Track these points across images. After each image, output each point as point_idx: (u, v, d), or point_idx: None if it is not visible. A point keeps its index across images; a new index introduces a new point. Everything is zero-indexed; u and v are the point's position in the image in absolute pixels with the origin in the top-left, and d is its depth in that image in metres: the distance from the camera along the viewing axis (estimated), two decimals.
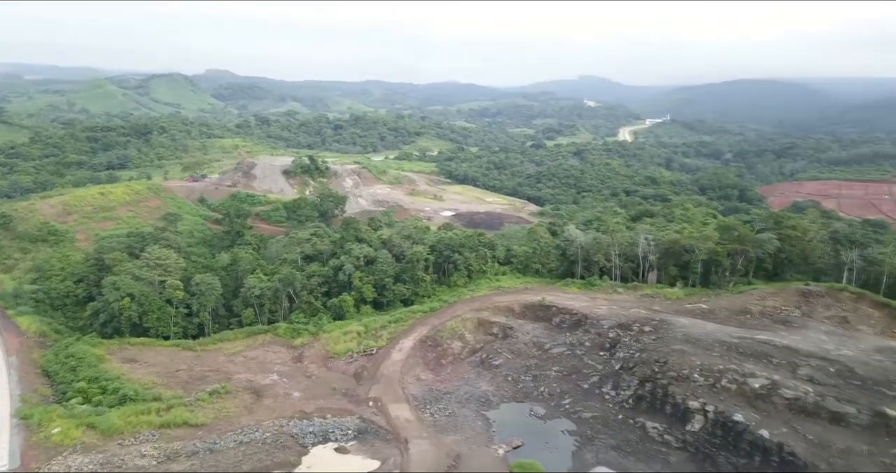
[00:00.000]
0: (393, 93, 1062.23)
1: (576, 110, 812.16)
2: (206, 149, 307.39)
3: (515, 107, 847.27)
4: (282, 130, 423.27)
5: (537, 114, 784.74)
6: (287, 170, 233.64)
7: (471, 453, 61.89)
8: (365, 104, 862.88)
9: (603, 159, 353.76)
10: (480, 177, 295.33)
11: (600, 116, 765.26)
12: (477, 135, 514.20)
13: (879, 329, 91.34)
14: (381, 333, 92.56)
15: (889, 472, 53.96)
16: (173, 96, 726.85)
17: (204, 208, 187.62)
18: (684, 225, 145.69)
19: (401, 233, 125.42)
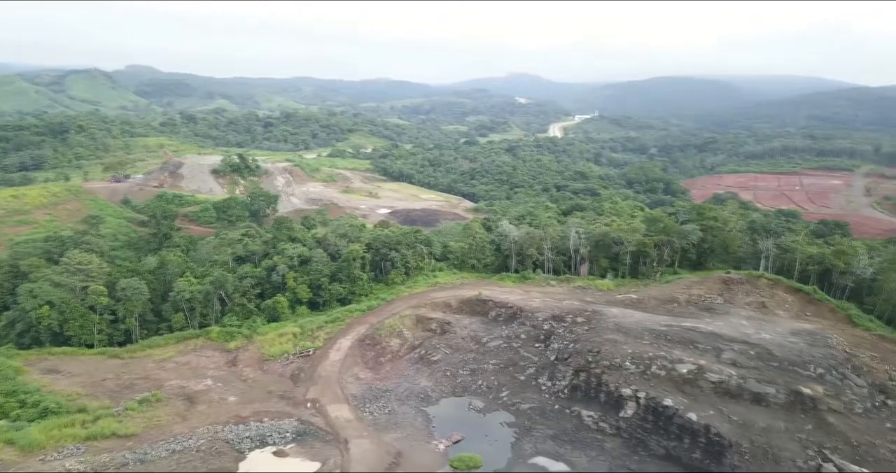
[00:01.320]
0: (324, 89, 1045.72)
1: (507, 107, 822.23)
2: (130, 148, 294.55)
3: (448, 105, 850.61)
4: (210, 128, 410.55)
5: (470, 111, 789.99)
6: (216, 170, 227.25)
7: (412, 450, 62.15)
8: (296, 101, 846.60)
9: (534, 155, 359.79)
10: (416, 174, 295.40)
11: (531, 113, 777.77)
12: (411, 132, 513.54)
13: (794, 312, 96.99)
14: (318, 334, 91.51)
15: None
16: (92, 93, 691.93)
17: (128, 210, 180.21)
18: (613, 218, 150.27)
19: (336, 232, 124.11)
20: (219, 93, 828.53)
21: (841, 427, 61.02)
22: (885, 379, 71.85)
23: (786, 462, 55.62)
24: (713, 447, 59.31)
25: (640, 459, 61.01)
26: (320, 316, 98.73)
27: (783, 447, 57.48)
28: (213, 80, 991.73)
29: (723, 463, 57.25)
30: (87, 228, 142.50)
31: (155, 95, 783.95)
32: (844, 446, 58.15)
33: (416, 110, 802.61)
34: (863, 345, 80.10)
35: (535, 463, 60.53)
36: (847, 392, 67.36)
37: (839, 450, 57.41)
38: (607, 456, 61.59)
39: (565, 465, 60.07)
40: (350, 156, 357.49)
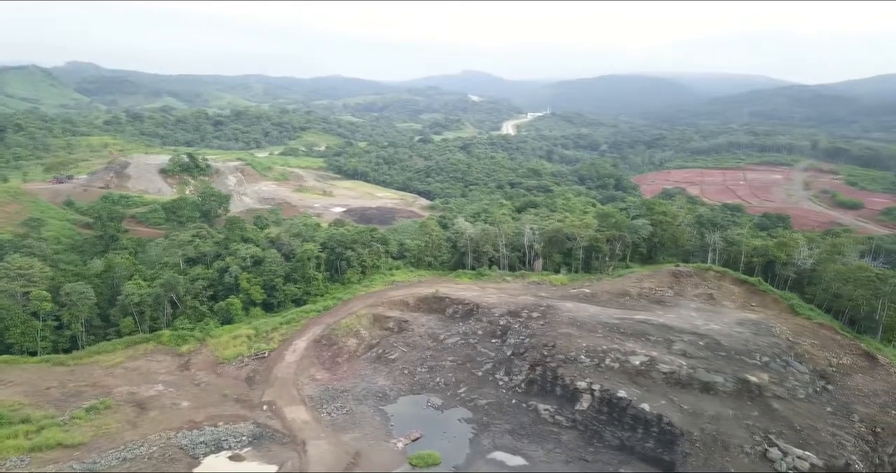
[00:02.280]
0: (275, 87, 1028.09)
1: (461, 104, 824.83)
2: (72, 147, 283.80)
3: (402, 102, 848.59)
4: (157, 127, 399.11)
5: (423, 109, 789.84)
6: (164, 169, 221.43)
7: (370, 449, 61.97)
8: (246, 99, 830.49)
9: (488, 153, 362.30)
10: (370, 172, 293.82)
11: (484, 111, 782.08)
12: (365, 129, 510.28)
13: (740, 303, 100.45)
14: (273, 335, 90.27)
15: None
16: (30, 90, 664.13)
17: (72, 212, 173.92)
18: (566, 214, 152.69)
19: (289, 231, 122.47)
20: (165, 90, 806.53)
21: (785, 413, 63.50)
22: (825, 365, 75.16)
23: (734, 448, 57.54)
24: (665, 436, 60.92)
25: (595, 450, 62.23)
26: (275, 318, 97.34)
27: (732, 433, 59.45)
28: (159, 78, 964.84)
29: (675, 452, 58.86)
30: (28, 231, 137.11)
31: (98, 93, 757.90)
32: (788, 430, 60.53)
33: (369, 108, 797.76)
34: (804, 333, 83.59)
35: (493, 458, 61.10)
36: (790, 378, 70.14)
37: (784, 435, 59.73)
38: (564, 449, 62.61)
39: (523, 459, 60.82)
40: (303, 154, 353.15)
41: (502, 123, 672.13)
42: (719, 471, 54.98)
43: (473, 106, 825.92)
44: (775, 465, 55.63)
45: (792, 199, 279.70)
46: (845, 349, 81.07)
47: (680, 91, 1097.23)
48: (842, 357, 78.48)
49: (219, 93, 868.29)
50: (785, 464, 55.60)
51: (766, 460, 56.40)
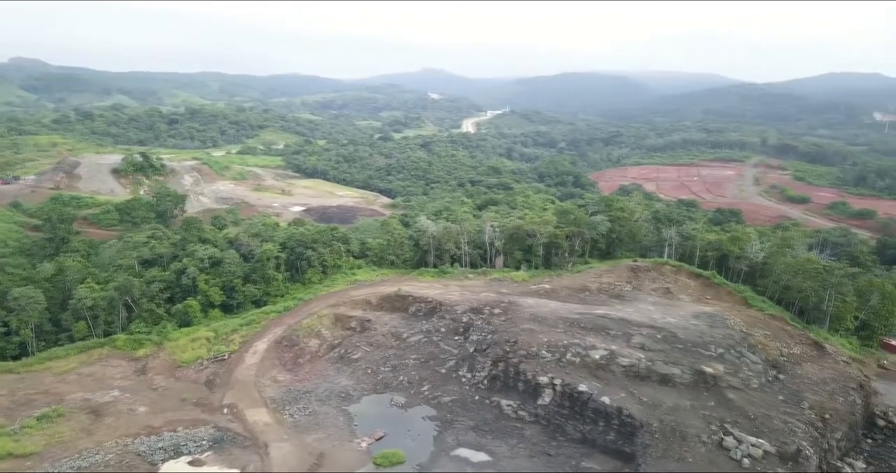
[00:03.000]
0: (232, 85, 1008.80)
1: (420, 102, 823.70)
2: (18, 147, 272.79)
3: (361, 100, 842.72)
4: (109, 126, 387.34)
5: (383, 107, 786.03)
6: (117, 169, 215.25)
7: (334, 449, 61.65)
8: (202, 96, 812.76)
9: (449, 151, 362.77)
10: (330, 170, 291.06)
11: (444, 109, 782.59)
12: (324, 127, 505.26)
13: (695, 296, 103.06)
14: (233, 337, 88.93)
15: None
16: None
17: (19, 214, 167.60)
18: (526, 211, 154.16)
19: (248, 231, 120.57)
20: (116, 88, 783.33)
21: (739, 402, 65.42)
22: (777, 355, 77.66)
23: (692, 438, 59.02)
24: (625, 428, 62.15)
25: (558, 444, 63.12)
26: (235, 319, 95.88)
27: (689, 424, 60.96)
28: (110, 75, 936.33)
29: (635, 443, 60.08)
30: None
31: (45, 91, 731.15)
32: (743, 419, 62.39)
33: (328, 105, 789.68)
34: (757, 325, 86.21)
35: (457, 455, 61.43)
36: (744, 369, 72.26)
37: (738, 424, 61.52)
38: (527, 444, 63.33)
39: (486, 455, 61.31)
40: (261, 153, 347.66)
41: (462, 121, 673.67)
42: (677, 461, 56.35)
43: (433, 104, 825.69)
44: (731, 453, 57.29)
45: (743, 194, 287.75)
46: (795, 339, 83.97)
47: (636, 89, 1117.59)
48: (792, 347, 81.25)
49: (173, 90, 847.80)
50: (740, 452, 57.31)
51: (722, 449, 58.02)
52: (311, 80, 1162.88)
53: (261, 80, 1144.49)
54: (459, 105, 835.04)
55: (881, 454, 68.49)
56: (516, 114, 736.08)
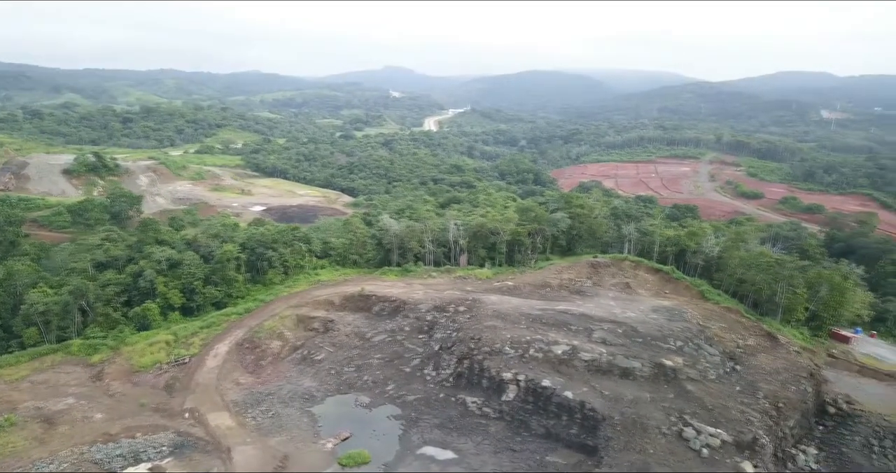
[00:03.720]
0: (189, 82, 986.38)
1: (382, 101, 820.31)
2: None
3: (321, 98, 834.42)
4: (59, 125, 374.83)
5: (344, 105, 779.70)
6: (69, 170, 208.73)
7: (298, 451, 61.15)
8: (158, 94, 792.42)
9: (411, 149, 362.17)
10: (290, 169, 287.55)
11: (406, 107, 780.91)
12: (284, 126, 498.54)
13: (654, 291, 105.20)
14: (193, 340, 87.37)
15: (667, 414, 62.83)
16: None
17: None
18: (488, 209, 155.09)
19: (207, 232, 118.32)
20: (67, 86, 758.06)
21: (698, 394, 67.16)
22: (733, 346, 79.97)
23: (652, 429, 60.36)
24: (588, 422, 63.19)
25: (522, 440, 63.79)
26: (195, 322, 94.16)
27: (650, 416, 62.32)
28: (60, 72, 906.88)
29: (597, 436, 61.13)
30: None
31: None
32: (702, 410, 64.07)
33: (288, 104, 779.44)
34: (713, 318, 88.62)
35: (423, 454, 61.57)
36: (702, 361, 74.19)
37: (697, 415, 63.17)
38: (492, 440, 63.84)
39: (452, 452, 61.60)
40: (219, 152, 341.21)
41: (424, 119, 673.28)
42: (639, 453, 57.54)
43: (395, 102, 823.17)
44: (690, 444, 58.82)
45: (699, 191, 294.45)
46: (750, 331, 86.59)
47: (595, 87, 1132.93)
48: (747, 338, 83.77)
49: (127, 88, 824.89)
50: (699, 442, 58.89)
51: (681, 439, 59.52)
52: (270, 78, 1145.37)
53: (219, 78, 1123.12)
54: (421, 103, 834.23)
55: (832, 440, 71.11)
56: (477, 112, 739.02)
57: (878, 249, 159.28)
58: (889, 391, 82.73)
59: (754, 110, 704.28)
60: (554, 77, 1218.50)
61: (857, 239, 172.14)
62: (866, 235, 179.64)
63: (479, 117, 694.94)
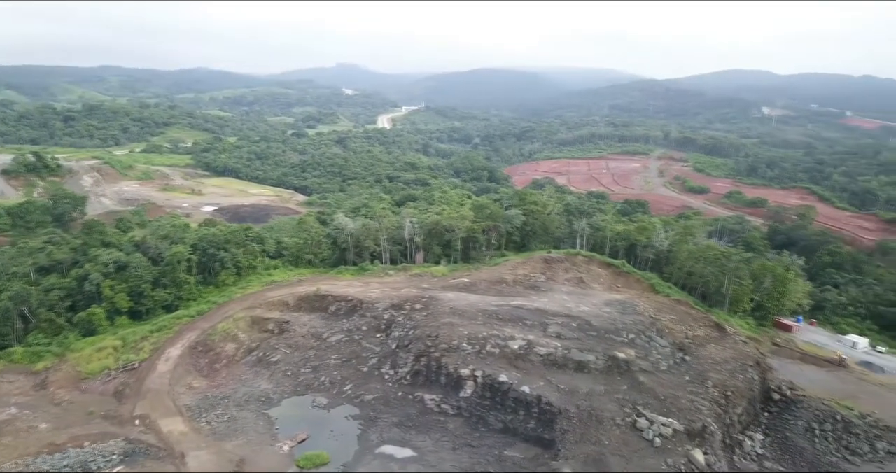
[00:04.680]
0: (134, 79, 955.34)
1: (334, 98, 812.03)
2: None
3: (273, 96, 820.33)
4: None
5: (296, 103, 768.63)
6: (6, 170, 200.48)
7: (255, 454, 60.35)
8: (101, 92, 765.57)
9: (365, 147, 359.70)
10: (242, 168, 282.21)
11: (359, 104, 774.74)
12: (234, 124, 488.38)
13: (607, 285, 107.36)
14: (143, 344, 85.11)
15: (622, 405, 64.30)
16: None
17: None
18: (444, 206, 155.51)
19: (156, 233, 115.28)
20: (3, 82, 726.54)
21: (650, 385, 68.92)
22: (683, 338, 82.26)
23: (607, 421, 61.74)
24: (545, 415, 64.19)
25: (480, 435, 64.40)
26: (144, 326, 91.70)
27: (604, 408, 63.70)
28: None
29: (554, 430, 62.18)
30: None
31: None
32: (654, 400, 65.80)
33: (238, 101, 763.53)
34: (664, 310, 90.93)
35: (382, 452, 61.54)
36: (653, 352, 76.15)
37: (650, 405, 64.85)
38: (450, 436, 64.25)
39: (411, 450, 61.75)
40: (168, 151, 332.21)
41: (377, 117, 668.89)
42: (594, 445, 58.74)
43: (348, 99, 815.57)
44: (643, 434, 60.39)
45: (649, 186, 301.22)
46: (699, 322, 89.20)
47: (546, 85, 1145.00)
48: (696, 329, 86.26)
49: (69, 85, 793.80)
50: (652, 432, 60.51)
51: (635, 430, 61.05)
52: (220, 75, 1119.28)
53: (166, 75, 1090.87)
54: (374, 101, 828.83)
55: (777, 425, 74.02)
56: (431, 109, 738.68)
57: (817, 241, 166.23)
58: (828, 376, 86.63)
59: (700, 107, 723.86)
60: (505, 75, 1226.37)
61: (798, 232, 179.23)
62: (805, 227, 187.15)
63: (433, 114, 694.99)
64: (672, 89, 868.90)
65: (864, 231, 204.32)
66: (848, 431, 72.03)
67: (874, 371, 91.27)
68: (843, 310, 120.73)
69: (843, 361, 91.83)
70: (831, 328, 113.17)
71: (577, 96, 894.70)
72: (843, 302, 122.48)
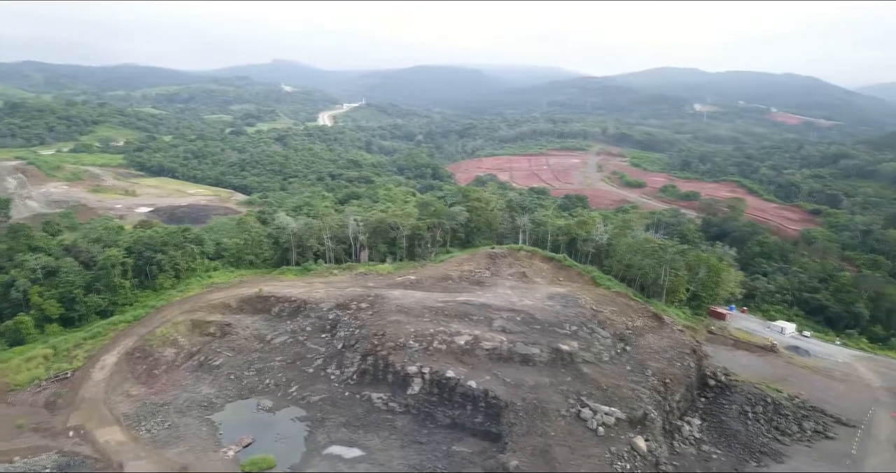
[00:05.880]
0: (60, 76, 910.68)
1: (273, 95, 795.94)
2: None
3: (209, 93, 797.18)
4: None
5: (233, 100, 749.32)
6: None
7: (198, 461, 58.94)
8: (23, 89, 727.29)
9: (306, 144, 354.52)
10: (179, 167, 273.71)
11: (299, 101, 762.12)
12: (169, 122, 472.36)
13: (549, 279, 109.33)
14: (76, 353, 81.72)
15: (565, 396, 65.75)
16: None
17: None
18: (388, 204, 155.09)
19: (88, 237, 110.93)
20: None
21: (593, 375, 70.70)
22: (623, 328, 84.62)
23: (552, 412, 63.01)
24: (492, 409, 65.03)
25: (429, 432, 64.71)
26: (77, 333, 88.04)
27: (549, 400, 64.98)
28: None
29: (501, 423, 63.06)
30: None
31: None
32: (597, 391, 67.54)
33: (172, 99, 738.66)
34: (604, 302, 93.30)
35: (329, 453, 61.09)
36: (596, 343, 78.10)
37: (593, 395, 66.54)
38: (399, 434, 64.34)
39: (359, 450, 61.54)
40: (98, 150, 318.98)
41: (318, 114, 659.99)
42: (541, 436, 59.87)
43: (287, 96, 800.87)
44: (588, 424, 61.95)
45: (588, 181, 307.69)
46: (638, 313, 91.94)
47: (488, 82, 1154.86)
48: (636, 320, 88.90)
49: None
50: (595, 422, 62.14)
51: (579, 420, 62.56)
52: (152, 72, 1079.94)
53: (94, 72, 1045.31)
54: (314, 97, 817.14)
55: (713, 410, 77.13)
56: (373, 106, 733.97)
57: (747, 232, 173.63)
58: (759, 361, 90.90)
59: (636, 104, 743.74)
60: (447, 72, 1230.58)
61: (729, 224, 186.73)
62: (736, 219, 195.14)
63: (375, 112, 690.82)
64: (609, 86, 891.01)
65: (789, 221, 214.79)
66: (778, 413, 75.80)
67: (801, 354, 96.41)
68: (771, 298, 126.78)
69: (774, 347, 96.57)
70: (761, 315, 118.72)
71: (519, 93, 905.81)
72: (771, 290, 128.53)
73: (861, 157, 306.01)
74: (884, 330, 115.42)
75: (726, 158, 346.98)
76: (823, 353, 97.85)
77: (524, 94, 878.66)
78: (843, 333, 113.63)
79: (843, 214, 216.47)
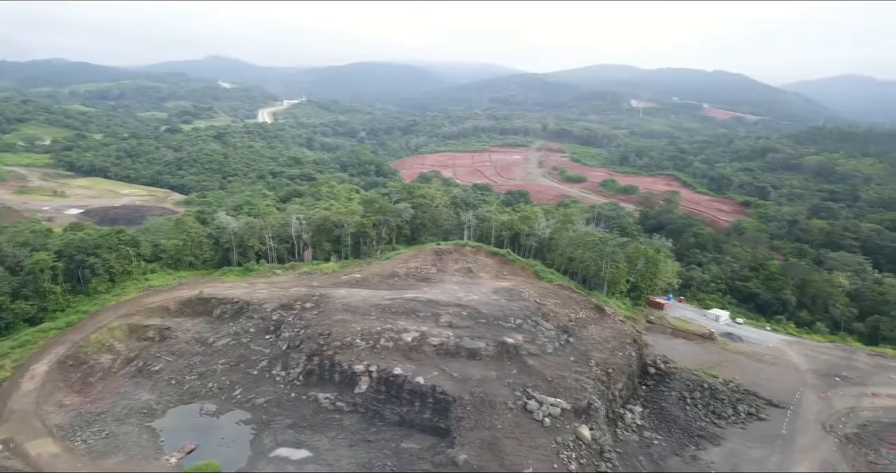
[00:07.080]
0: None
1: (210, 92, 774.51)
2: None
3: (142, 89, 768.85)
4: None
5: (168, 97, 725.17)
6: None
7: (139, 470, 57.09)
8: None
9: (245, 142, 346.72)
10: (111, 167, 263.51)
11: (237, 98, 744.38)
12: (100, 120, 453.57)
13: (494, 273, 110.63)
14: (3, 362, 77.80)
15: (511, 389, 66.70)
16: None
17: None
18: (332, 202, 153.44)
19: (13, 240, 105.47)
20: None
21: (538, 367, 71.98)
22: (567, 321, 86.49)
23: (499, 405, 63.83)
24: (440, 405, 65.37)
25: (377, 430, 64.53)
26: (4, 342, 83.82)
27: (496, 393, 65.81)
28: None
29: (449, 418, 63.47)
30: None
31: None
32: (542, 382, 68.80)
33: (103, 96, 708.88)
34: (548, 295, 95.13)
35: (276, 456, 60.20)
36: (540, 336, 79.55)
37: (539, 387, 67.75)
38: (347, 433, 63.93)
39: (307, 451, 60.87)
40: (23, 149, 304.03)
41: (258, 111, 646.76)
42: (488, 430, 60.60)
43: (225, 93, 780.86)
44: (534, 415, 63.06)
45: (530, 177, 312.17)
46: (581, 305, 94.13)
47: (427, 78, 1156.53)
48: (579, 312, 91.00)
49: None
50: (542, 413, 63.31)
51: (526, 412, 63.60)
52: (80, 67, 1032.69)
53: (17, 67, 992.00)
54: (253, 94, 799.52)
55: (654, 397, 79.78)
56: (314, 103, 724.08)
57: (682, 223, 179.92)
58: (696, 348, 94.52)
59: (575, 100, 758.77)
60: (389, 68, 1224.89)
61: (666, 216, 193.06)
62: (672, 212, 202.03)
63: (317, 108, 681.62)
64: (548, 82, 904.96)
65: (722, 213, 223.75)
66: (714, 397, 79.12)
67: (735, 341, 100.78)
68: (706, 287, 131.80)
69: (712, 334, 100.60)
70: (697, 303, 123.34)
71: (460, 90, 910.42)
72: (706, 280, 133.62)
73: (786, 151, 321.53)
74: (809, 314, 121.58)
75: (662, 153, 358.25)
76: (755, 339, 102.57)
77: (466, 91, 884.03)
78: (772, 319, 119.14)
79: (771, 205, 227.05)
